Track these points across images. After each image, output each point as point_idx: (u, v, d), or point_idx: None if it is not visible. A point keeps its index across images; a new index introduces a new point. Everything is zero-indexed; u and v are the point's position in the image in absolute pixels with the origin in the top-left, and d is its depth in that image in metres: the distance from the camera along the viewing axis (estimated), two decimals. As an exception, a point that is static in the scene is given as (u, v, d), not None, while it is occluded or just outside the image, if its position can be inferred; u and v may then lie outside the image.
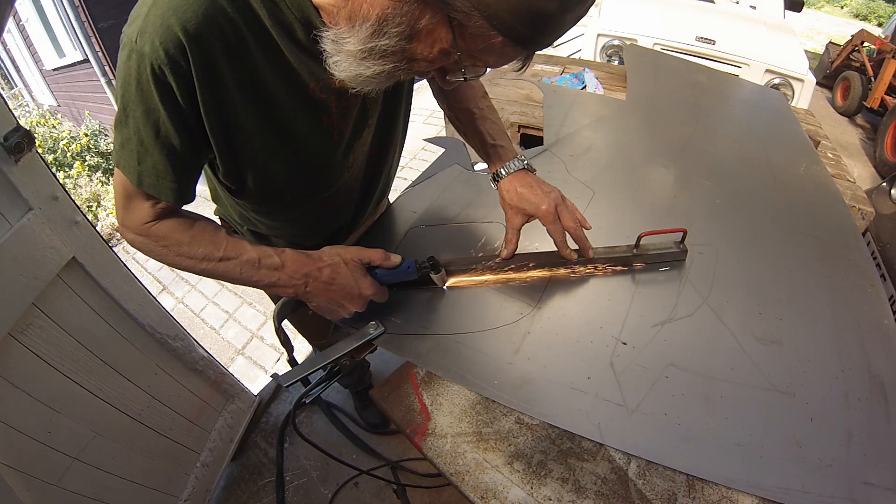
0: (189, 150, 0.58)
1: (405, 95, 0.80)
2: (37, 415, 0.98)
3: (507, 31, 0.47)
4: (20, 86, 5.93)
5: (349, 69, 0.52)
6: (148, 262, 3.15)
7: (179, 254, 0.65)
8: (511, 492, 0.61)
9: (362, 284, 0.69)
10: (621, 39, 3.08)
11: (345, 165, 0.74)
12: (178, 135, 0.56)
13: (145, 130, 0.55)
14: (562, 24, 0.48)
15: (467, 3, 0.45)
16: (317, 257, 0.69)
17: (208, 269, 0.66)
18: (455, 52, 0.50)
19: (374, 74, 0.52)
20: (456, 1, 0.45)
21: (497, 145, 0.84)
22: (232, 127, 0.59)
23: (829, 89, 5.26)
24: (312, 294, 0.69)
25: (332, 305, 0.71)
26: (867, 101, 4.51)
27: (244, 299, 2.67)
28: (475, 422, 0.69)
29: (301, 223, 0.84)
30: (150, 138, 0.55)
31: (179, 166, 0.59)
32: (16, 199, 0.93)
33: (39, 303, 0.97)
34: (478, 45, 0.49)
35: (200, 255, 0.65)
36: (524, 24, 0.46)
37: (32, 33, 4.45)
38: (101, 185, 3.88)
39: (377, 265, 0.72)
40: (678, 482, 0.63)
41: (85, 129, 4.23)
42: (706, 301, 0.84)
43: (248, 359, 2.32)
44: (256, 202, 0.75)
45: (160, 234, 0.64)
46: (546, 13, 0.46)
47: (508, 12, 0.45)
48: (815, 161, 1.29)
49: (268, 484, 1.59)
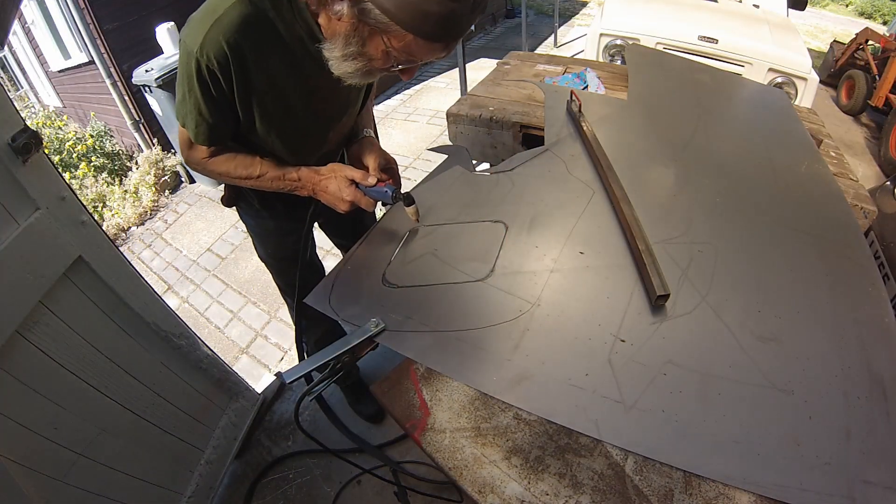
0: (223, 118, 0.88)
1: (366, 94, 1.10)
2: (43, 411, 0.99)
3: (416, 31, 0.65)
4: (26, 87, 5.98)
5: (340, 68, 0.76)
6: (153, 261, 3.18)
7: (228, 176, 0.97)
8: (509, 486, 0.62)
9: (344, 193, 0.94)
10: (623, 39, 3.08)
11: (325, 140, 1.03)
12: (219, 109, 0.85)
13: (200, 105, 0.84)
14: (457, 21, 0.65)
15: (381, 16, 0.65)
16: (319, 171, 0.96)
17: (249, 183, 0.98)
18: (392, 51, 0.71)
19: (355, 70, 0.75)
20: (373, 16, 0.65)
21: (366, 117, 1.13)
22: (254, 103, 0.87)
23: (834, 88, 5.22)
24: (317, 194, 0.98)
25: (332, 203, 0.97)
26: (872, 99, 4.47)
27: (248, 299, 2.68)
28: (474, 417, 0.70)
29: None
30: (203, 110, 0.84)
31: (217, 127, 0.89)
32: (23, 198, 0.95)
33: (46, 301, 0.99)
34: (403, 45, 0.68)
35: (243, 176, 0.96)
36: (425, 24, 0.64)
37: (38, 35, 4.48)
38: (106, 186, 3.91)
39: (357, 182, 0.94)
40: (675, 478, 0.63)
41: (91, 130, 4.26)
42: (705, 299, 0.84)
43: (252, 357, 2.34)
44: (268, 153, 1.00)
45: (212, 166, 0.96)
46: (436, 14, 0.63)
47: (409, 17, 0.63)
48: (817, 160, 1.29)
49: (271, 481, 1.60)
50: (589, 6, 8.28)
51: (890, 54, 4.28)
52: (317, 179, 0.96)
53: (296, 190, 0.98)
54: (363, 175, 0.94)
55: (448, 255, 0.94)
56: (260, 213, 1.23)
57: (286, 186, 0.98)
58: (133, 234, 3.54)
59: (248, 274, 2.86)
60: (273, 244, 1.33)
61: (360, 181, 0.94)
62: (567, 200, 1.06)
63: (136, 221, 3.63)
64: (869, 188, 1.89)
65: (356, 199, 0.94)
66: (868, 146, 4.31)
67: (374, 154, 1.00)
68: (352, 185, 0.94)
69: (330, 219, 1.40)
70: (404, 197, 0.95)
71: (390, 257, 0.96)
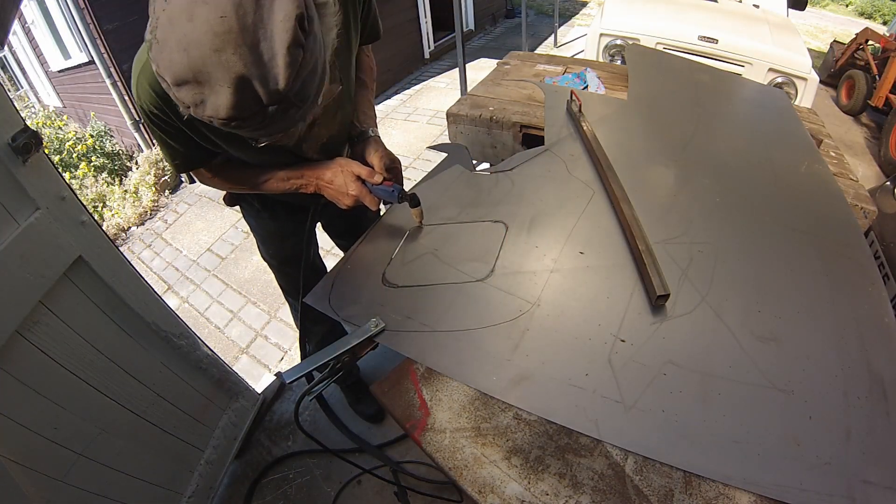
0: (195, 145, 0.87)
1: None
2: (43, 411, 0.99)
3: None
4: (26, 87, 5.99)
5: None
6: (153, 261, 3.18)
7: (237, 187, 1.00)
8: (509, 486, 0.62)
9: (350, 188, 0.93)
10: (623, 39, 3.08)
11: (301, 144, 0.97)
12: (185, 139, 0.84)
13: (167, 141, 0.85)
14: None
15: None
16: (323, 166, 0.95)
17: (257, 190, 0.99)
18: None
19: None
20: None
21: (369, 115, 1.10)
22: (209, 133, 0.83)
23: (834, 88, 5.22)
24: (321, 189, 0.97)
25: (335, 197, 0.96)
26: (872, 99, 4.47)
27: (248, 299, 2.68)
28: (474, 417, 0.70)
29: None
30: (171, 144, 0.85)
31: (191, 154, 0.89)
32: (23, 198, 0.95)
33: (46, 301, 0.99)
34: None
35: (250, 185, 0.98)
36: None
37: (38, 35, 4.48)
38: (106, 186, 3.91)
39: (363, 179, 0.93)
40: (675, 478, 0.63)
41: (91, 130, 4.26)
42: (705, 299, 0.84)
43: (252, 357, 2.34)
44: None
45: (219, 182, 0.99)
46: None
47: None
48: (817, 160, 1.29)
49: (271, 481, 1.60)
50: (589, 6, 8.29)
51: (890, 54, 4.28)
52: (320, 173, 0.95)
53: (301, 188, 0.98)
54: (369, 172, 0.94)
55: (448, 255, 0.94)
56: (261, 214, 1.23)
57: (291, 186, 0.97)
58: (133, 234, 3.54)
59: (248, 274, 2.86)
60: (274, 245, 1.33)
61: (367, 178, 0.93)
62: (567, 200, 1.06)
63: (136, 221, 3.63)
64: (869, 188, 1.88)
65: (361, 194, 0.93)
66: (868, 146, 4.31)
67: (379, 153, 1.00)
68: (357, 180, 0.93)
69: (332, 220, 1.40)
70: (410, 197, 0.95)
71: (390, 257, 0.96)
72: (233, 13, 0.51)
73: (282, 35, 0.53)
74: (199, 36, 0.52)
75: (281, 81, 0.55)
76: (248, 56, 0.53)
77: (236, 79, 0.54)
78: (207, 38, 0.52)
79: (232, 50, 0.52)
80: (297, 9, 0.54)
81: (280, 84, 0.55)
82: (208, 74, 0.54)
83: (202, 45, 0.52)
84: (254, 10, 0.52)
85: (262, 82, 0.55)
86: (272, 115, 0.59)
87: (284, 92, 0.56)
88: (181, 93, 0.56)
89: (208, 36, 0.52)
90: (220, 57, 0.52)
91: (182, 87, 0.56)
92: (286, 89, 0.56)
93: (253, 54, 0.53)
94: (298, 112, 0.62)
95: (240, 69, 0.53)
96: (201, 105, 0.56)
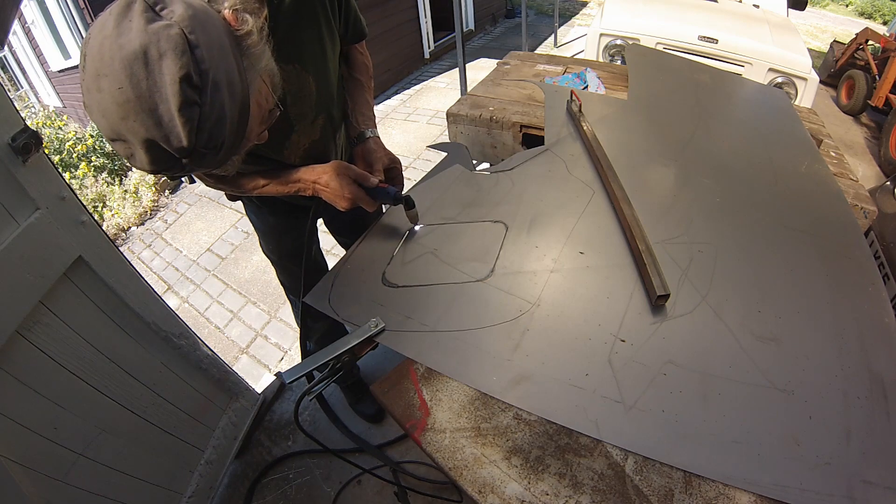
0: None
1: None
2: (43, 411, 0.99)
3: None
4: (26, 87, 5.99)
5: None
6: (153, 261, 3.18)
7: (238, 191, 1.01)
8: (509, 486, 0.62)
9: (345, 190, 0.93)
10: (623, 39, 3.08)
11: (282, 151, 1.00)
12: None
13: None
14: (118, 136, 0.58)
15: None
16: (320, 169, 0.95)
17: (257, 193, 1.00)
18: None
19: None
20: None
21: (367, 115, 1.10)
22: None
23: (834, 88, 5.22)
24: (318, 192, 0.97)
25: (332, 200, 0.96)
26: (872, 99, 4.47)
27: (248, 299, 2.68)
28: (474, 417, 0.70)
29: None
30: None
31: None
32: (23, 198, 0.95)
33: (46, 301, 0.99)
34: None
35: (251, 188, 0.99)
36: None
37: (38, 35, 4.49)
38: (106, 186, 3.91)
39: (360, 181, 0.94)
40: (675, 479, 0.63)
41: (90, 130, 4.26)
42: (705, 299, 0.84)
43: (253, 357, 2.34)
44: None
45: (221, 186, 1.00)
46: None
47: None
48: (817, 160, 1.29)
49: (271, 482, 1.60)
50: (589, 6, 8.29)
51: (890, 54, 4.28)
52: (317, 176, 0.96)
53: (299, 191, 0.99)
54: (365, 175, 0.95)
55: (448, 255, 0.94)
56: (261, 209, 1.24)
57: (290, 190, 0.98)
58: (133, 234, 3.54)
59: (248, 274, 2.86)
60: (275, 240, 1.34)
61: (362, 181, 0.94)
62: (567, 200, 1.06)
63: (136, 221, 3.63)
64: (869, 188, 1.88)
65: (357, 197, 0.94)
66: (868, 146, 4.31)
67: (378, 154, 1.00)
68: (353, 183, 0.94)
69: (333, 218, 1.41)
70: (405, 200, 0.96)
71: (390, 257, 0.96)
72: (128, 83, 0.54)
73: (173, 99, 0.55)
74: (108, 105, 0.56)
75: (183, 140, 0.57)
76: (149, 121, 0.56)
77: (144, 142, 0.57)
78: (114, 108, 0.55)
79: (133, 118, 0.55)
80: (180, 70, 0.55)
81: (183, 142, 0.57)
82: (125, 136, 0.58)
83: (112, 114, 0.56)
84: (146, 77, 0.54)
85: (166, 142, 0.57)
86: (190, 165, 0.62)
87: (190, 148, 0.58)
88: (115, 146, 0.60)
89: (113, 106, 0.55)
90: (127, 124, 0.56)
91: (115, 143, 0.60)
92: (190, 146, 0.58)
93: (153, 118, 0.56)
94: (218, 155, 0.63)
95: (143, 134, 0.56)
96: (132, 158, 0.60)
